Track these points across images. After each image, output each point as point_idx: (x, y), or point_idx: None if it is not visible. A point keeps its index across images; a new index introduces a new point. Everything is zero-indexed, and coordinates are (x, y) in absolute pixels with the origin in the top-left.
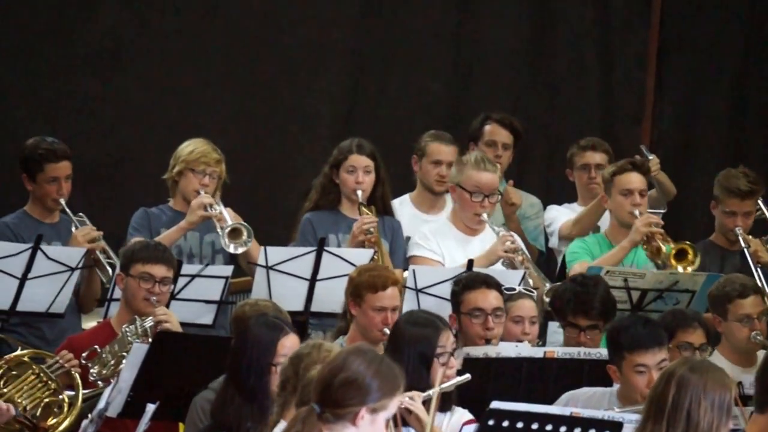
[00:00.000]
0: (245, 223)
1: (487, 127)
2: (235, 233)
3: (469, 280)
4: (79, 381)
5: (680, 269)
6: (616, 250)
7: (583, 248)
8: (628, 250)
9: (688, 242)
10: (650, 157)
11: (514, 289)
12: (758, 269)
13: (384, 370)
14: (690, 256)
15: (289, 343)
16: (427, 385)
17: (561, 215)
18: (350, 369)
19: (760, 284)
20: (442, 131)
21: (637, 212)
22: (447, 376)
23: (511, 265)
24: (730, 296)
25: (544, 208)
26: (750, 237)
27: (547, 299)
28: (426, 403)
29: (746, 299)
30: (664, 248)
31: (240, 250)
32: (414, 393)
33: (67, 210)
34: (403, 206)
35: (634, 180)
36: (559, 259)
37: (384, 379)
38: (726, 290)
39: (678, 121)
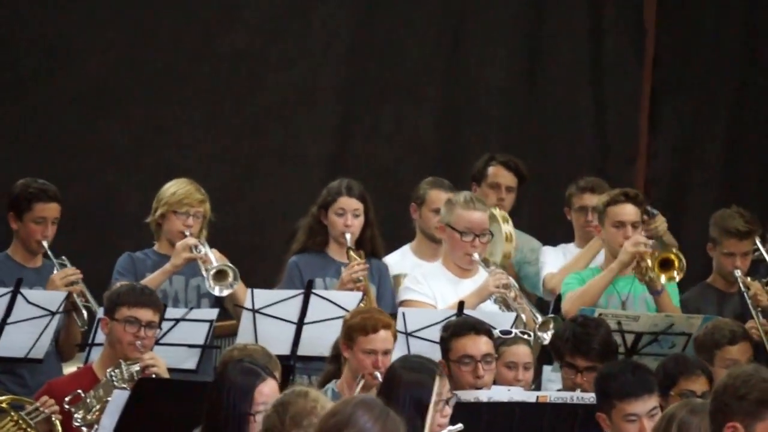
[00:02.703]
0: (231, 265)
1: (491, 169)
2: (220, 275)
3: (457, 327)
4: (60, 428)
5: (664, 279)
6: (605, 273)
7: (578, 280)
8: (617, 272)
9: (673, 250)
10: (656, 214)
11: (510, 333)
12: (759, 313)
13: (390, 426)
14: (676, 264)
15: (268, 390)
16: None
17: (549, 262)
18: (357, 425)
19: (760, 329)
20: (440, 178)
21: (627, 243)
22: (440, 425)
23: (503, 302)
24: (719, 343)
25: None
26: (749, 279)
27: (540, 333)
28: None
29: (734, 346)
30: (649, 263)
31: (225, 293)
32: None
33: (50, 253)
34: (405, 258)
35: (628, 212)
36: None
37: None
38: (714, 337)
39: (672, 161)
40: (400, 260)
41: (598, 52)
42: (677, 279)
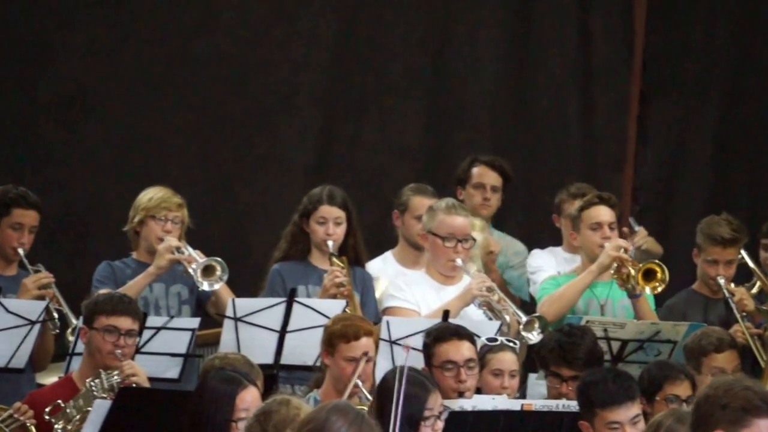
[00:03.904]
0: (218, 258)
1: (475, 170)
2: (208, 270)
3: (439, 332)
4: None
5: (648, 290)
6: (584, 275)
7: (554, 285)
8: (596, 275)
9: (656, 261)
10: (637, 229)
11: (496, 340)
12: (744, 319)
13: (365, 430)
14: (659, 275)
15: (249, 397)
16: None
17: (545, 265)
18: (331, 430)
19: (746, 334)
20: (423, 184)
21: (607, 245)
22: None
23: (487, 305)
24: (706, 350)
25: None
26: (733, 286)
27: (525, 333)
28: None
29: (721, 354)
30: (632, 272)
31: (216, 287)
32: None
33: (25, 261)
34: (386, 264)
35: (603, 213)
36: None
37: None
38: (701, 344)
39: (660, 166)
40: (382, 267)
41: (586, 56)
42: (659, 290)
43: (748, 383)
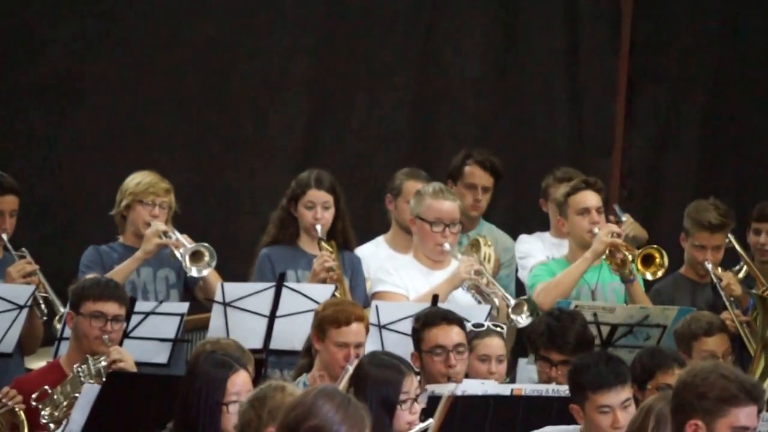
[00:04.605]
0: (206, 244)
1: (467, 169)
2: (196, 256)
3: (429, 317)
4: (24, 419)
5: (649, 276)
6: (579, 263)
7: (546, 271)
8: (591, 262)
9: (654, 245)
10: (623, 218)
11: (483, 326)
12: (732, 304)
13: (352, 413)
14: (658, 260)
15: (240, 381)
16: None
17: (533, 250)
18: (318, 415)
19: (735, 319)
20: (416, 168)
21: (596, 230)
22: (409, 422)
23: (476, 288)
24: (696, 334)
25: (513, 239)
26: (720, 270)
27: (513, 316)
28: None
29: (711, 337)
30: (629, 257)
31: (205, 272)
32: None
33: (9, 246)
34: (379, 249)
35: (590, 198)
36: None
37: (351, 425)
38: (691, 328)
39: (648, 151)
40: (374, 251)
41: (573, 41)
42: (660, 274)
43: (726, 371)
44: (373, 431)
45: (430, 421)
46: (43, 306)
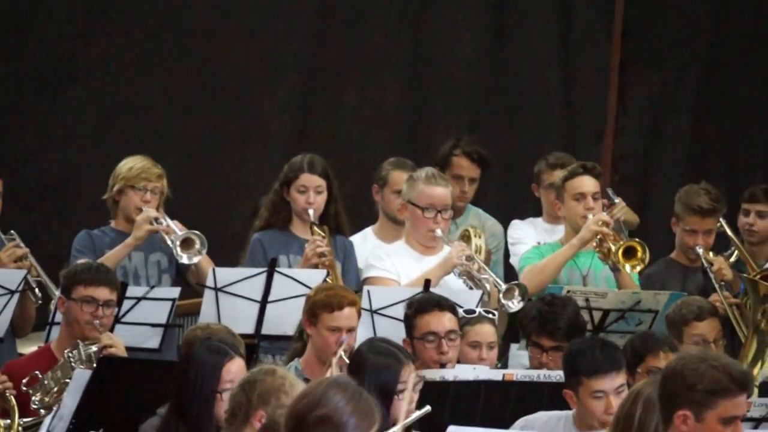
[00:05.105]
0: (197, 232)
1: (455, 159)
2: (187, 243)
3: (421, 303)
4: (15, 404)
5: (628, 268)
6: (565, 249)
7: (538, 254)
8: (578, 248)
9: (636, 239)
10: (616, 201)
11: (474, 312)
12: (723, 288)
13: (362, 406)
14: (639, 254)
15: (235, 368)
16: (387, 422)
17: (525, 236)
18: (328, 405)
19: (724, 303)
20: (403, 158)
21: (590, 216)
22: (406, 411)
23: (467, 273)
24: (687, 319)
25: (505, 225)
26: (712, 255)
27: (505, 301)
28: None
29: (702, 322)
30: (613, 248)
31: (195, 260)
32: None
33: None
34: (366, 241)
35: (587, 183)
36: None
37: (361, 417)
38: (682, 313)
39: (640, 136)
40: (361, 243)
41: (566, 25)
42: (638, 269)
43: (714, 360)
44: None
45: (427, 408)
46: (37, 290)
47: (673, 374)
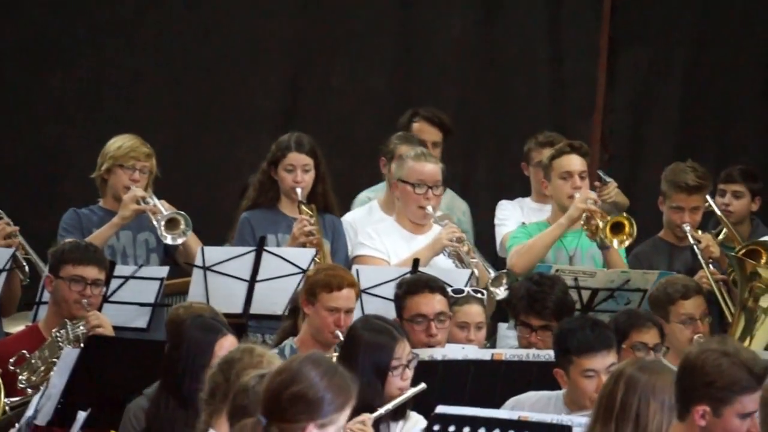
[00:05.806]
0: (182, 213)
1: (415, 125)
2: (172, 223)
3: (411, 285)
4: (1, 383)
5: (616, 243)
6: (553, 228)
7: (525, 233)
8: (566, 227)
9: (625, 214)
10: (608, 181)
11: (462, 292)
12: (710, 265)
13: (337, 381)
14: (626, 228)
15: (228, 345)
16: (381, 399)
17: (510, 217)
18: (303, 381)
19: (710, 278)
20: (410, 133)
21: (577, 195)
22: (401, 388)
23: (456, 255)
24: (673, 298)
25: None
26: (699, 233)
27: (493, 288)
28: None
29: (688, 300)
30: (601, 225)
31: (179, 241)
32: (364, 416)
33: None
34: (372, 214)
35: (574, 162)
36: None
37: (337, 393)
38: (667, 291)
39: (629, 113)
40: (366, 215)
41: (555, 3)
42: (626, 244)
43: (735, 356)
44: (365, 396)
45: (423, 385)
46: (26, 267)
47: (692, 368)
